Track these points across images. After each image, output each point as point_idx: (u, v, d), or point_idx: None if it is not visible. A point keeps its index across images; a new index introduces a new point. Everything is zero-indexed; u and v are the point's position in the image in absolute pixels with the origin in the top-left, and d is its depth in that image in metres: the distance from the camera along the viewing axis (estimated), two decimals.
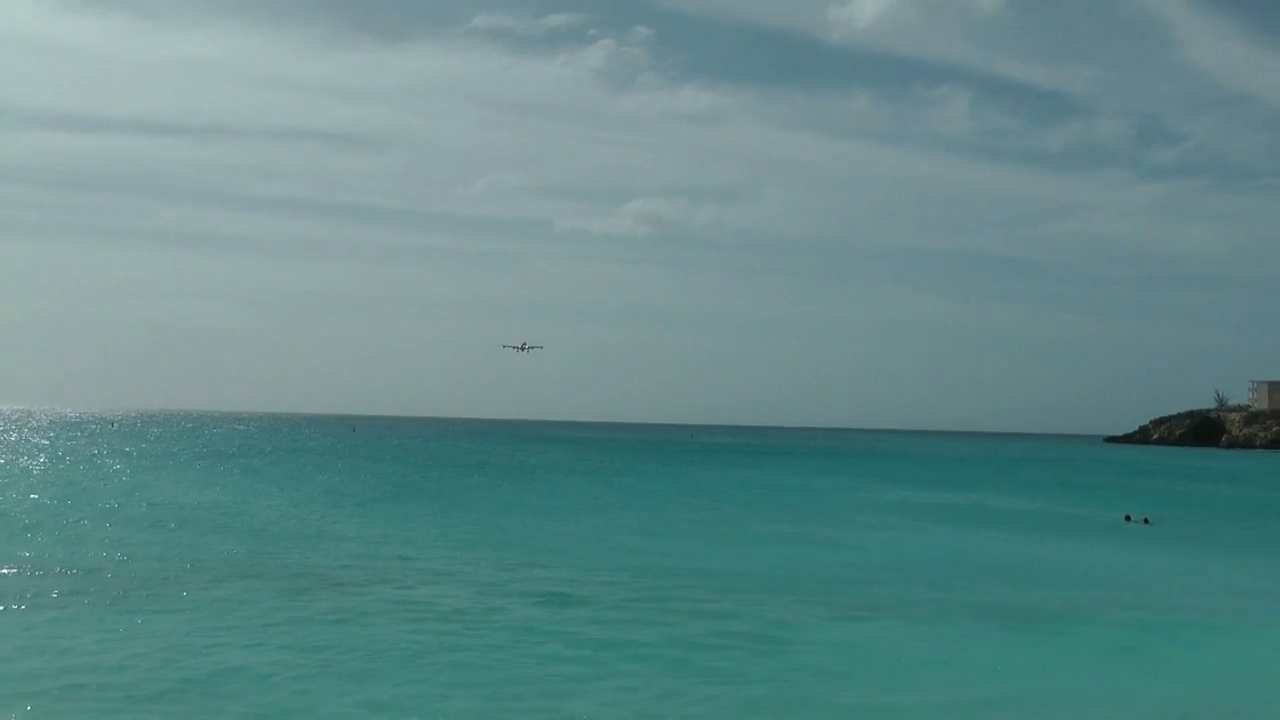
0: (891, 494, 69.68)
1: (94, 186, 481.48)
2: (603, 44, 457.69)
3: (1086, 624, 24.97)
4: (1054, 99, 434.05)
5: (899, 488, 76.69)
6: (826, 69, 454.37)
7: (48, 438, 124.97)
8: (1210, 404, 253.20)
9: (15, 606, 23.04)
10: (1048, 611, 26.45)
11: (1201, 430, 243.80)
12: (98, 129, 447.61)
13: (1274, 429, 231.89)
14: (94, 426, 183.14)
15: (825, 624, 23.95)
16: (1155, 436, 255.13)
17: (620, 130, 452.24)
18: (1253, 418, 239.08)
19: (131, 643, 20.02)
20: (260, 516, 43.94)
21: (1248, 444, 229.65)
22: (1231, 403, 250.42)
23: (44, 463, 76.62)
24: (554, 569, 30.66)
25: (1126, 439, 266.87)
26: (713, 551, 36.64)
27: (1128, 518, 53.64)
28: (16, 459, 79.83)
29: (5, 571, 27.67)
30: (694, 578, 29.71)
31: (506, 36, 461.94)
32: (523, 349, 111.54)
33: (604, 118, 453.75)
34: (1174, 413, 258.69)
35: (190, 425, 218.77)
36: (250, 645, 20.10)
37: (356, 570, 29.55)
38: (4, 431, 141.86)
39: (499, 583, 27.96)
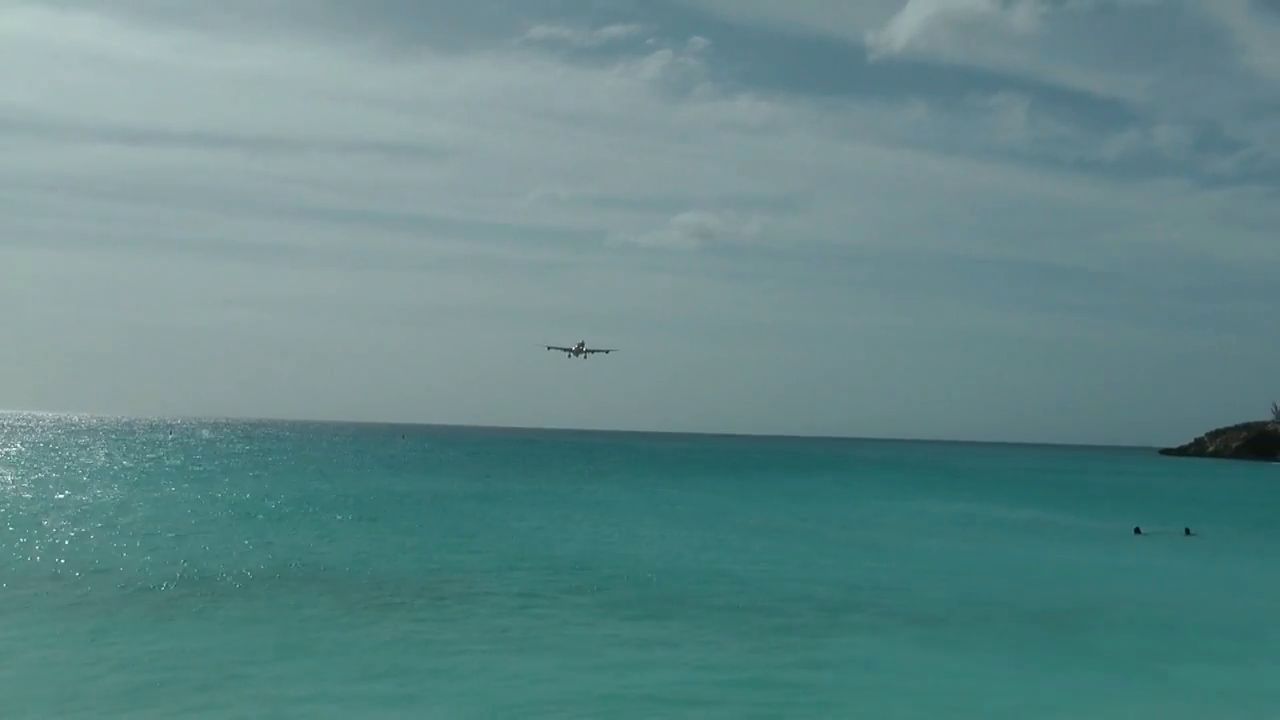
0: (956, 508, 69.98)
1: (155, 198, 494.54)
2: (660, 54, 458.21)
3: (1099, 634, 26.10)
4: (1111, 107, 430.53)
5: (958, 501, 77.02)
6: (882, 79, 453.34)
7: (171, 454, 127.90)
8: (1268, 416, 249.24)
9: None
10: (1064, 622, 27.56)
11: (1258, 443, 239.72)
12: (159, 142, 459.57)
13: None
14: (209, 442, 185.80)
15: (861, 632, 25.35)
16: (1210, 449, 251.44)
17: (675, 141, 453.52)
18: None
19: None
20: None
21: None
22: None
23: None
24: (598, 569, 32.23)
25: (1181, 451, 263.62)
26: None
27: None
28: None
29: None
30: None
31: (564, 47, 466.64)
32: (578, 352, 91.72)
33: (659, 128, 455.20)
34: (1230, 425, 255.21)
35: (283, 435, 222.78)
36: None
37: None
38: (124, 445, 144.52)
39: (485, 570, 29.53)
